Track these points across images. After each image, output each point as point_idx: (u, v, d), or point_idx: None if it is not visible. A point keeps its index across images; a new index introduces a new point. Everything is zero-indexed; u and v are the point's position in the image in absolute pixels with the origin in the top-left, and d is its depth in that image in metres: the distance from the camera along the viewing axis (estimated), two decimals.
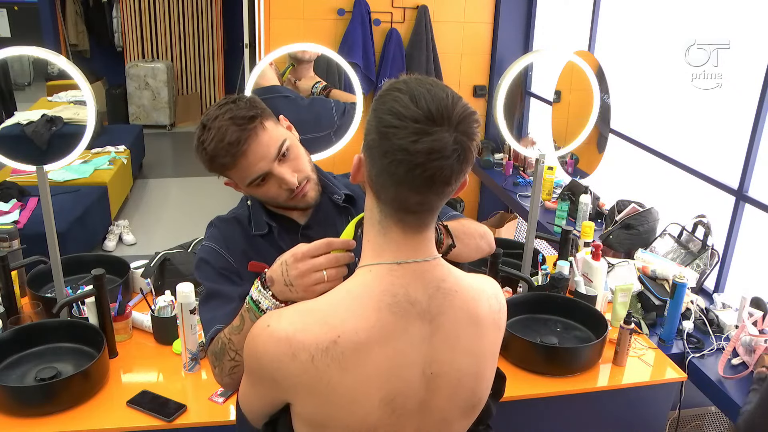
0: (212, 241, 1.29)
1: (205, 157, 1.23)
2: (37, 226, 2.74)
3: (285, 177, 1.22)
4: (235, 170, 1.22)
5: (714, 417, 2.56)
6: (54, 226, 2.05)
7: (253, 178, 1.22)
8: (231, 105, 1.22)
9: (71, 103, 5.29)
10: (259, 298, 1.05)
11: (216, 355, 1.17)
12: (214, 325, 1.21)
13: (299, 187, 1.24)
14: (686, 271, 2.52)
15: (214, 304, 1.24)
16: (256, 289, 1.06)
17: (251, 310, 1.06)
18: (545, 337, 2.04)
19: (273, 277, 1.04)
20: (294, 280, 1.00)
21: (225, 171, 1.24)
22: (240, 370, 1.10)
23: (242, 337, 1.06)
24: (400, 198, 0.88)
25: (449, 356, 0.95)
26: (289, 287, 1.01)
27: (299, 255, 1.01)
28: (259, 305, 1.05)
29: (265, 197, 1.27)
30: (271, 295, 1.04)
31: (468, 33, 4.24)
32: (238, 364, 1.11)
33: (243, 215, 1.33)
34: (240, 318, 1.10)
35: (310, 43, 2.32)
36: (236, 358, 1.11)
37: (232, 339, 1.11)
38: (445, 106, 0.84)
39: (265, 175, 1.22)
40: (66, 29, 7.27)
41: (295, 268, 1.00)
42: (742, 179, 2.51)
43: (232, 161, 1.20)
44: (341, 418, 0.91)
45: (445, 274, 0.95)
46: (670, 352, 2.22)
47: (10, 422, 1.67)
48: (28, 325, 1.93)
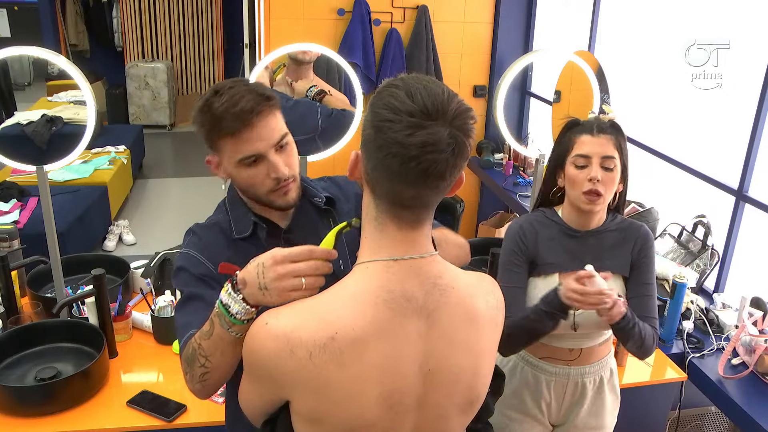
0: (191, 248, 1.25)
1: (208, 119, 1.17)
2: (37, 226, 2.74)
3: (278, 165, 1.20)
4: (234, 141, 1.18)
5: (714, 417, 2.56)
6: (54, 226, 2.06)
7: (248, 155, 1.18)
8: (248, 83, 1.20)
9: (71, 103, 5.29)
10: (228, 302, 1.00)
11: (187, 361, 1.12)
12: (189, 330, 1.16)
13: (286, 181, 1.22)
14: (686, 271, 2.52)
15: (192, 308, 1.19)
16: (226, 292, 1.01)
17: (221, 315, 1.01)
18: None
19: (246, 279, 0.99)
20: (270, 282, 0.96)
21: (222, 138, 1.18)
22: (211, 377, 1.08)
23: (212, 342, 1.04)
24: (395, 192, 0.88)
25: (446, 352, 0.95)
26: (263, 291, 0.97)
27: (279, 258, 0.97)
28: (228, 309, 1.00)
29: (246, 183, 1.22)
30: (242, 299, 0.99)
31: (468, 33, 4.24)
32: (208, 371, 1.08)
33: (223, 221, 1.29)
34: (210, 323, 1.05)
35: (310, 43, 2.32)
36: (206, 364, 1.07)
37: (202, 344, 1.07)
38: (440, 101, 0.84)
39: (259, 157, 1.19)
40: (66, 29, 7.27)
41: (273, 271, 0.96)
42: (742, 179, 2.51)
43: (237, 128, 1.16)
44: (339, 414, 0.91)
45: (442, 271, 0.95)
46: (670, 352, 2.23)
47: (10, 422, 1.67)
48: (28, 325, 1.93)
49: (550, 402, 1.72)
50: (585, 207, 1.58)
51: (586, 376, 1.70)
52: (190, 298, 1.21)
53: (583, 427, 1.75)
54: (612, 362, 1.77)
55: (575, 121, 1.64)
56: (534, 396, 1.71)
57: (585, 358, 1.68)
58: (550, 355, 1.68)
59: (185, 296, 1.22)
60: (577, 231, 1.64)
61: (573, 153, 1.59)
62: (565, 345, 1.66)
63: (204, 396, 1.16)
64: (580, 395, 1.71)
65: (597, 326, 1.62)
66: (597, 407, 1.74)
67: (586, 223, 1.64)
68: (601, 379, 1.72)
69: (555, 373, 1.68)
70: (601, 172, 1.54)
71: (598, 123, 1.59)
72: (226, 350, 1.04)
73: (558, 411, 1.74)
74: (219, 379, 1.10)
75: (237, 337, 1.01)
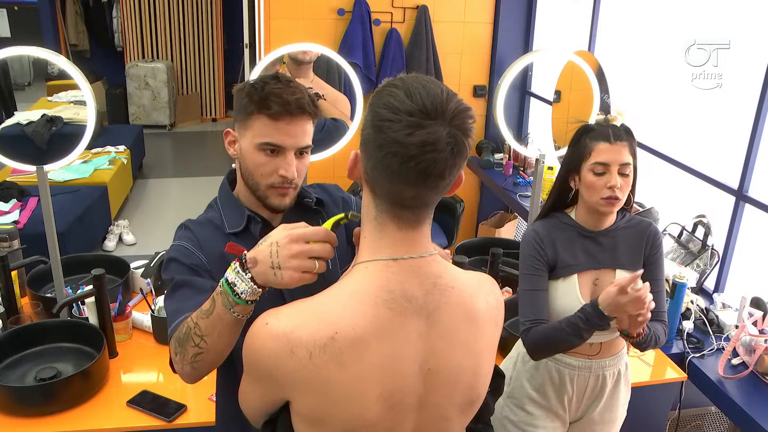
0: (184, 241, 1.26)
1: (258, 93, 1.19)
2: (37, 226, 2.74)
3: (291, 166, 1.23)
4: (268, 123, 1.20)
5: (714, 417, 2.56)
6: (54, 226, 2.05)
7: (272, 143, 1.21)
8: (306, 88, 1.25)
9: (71, 103, 5.29)
10: (235, 280, 0.99)
11: (179, 341, 1.09)
12: (178, 316, 1.14)
13: (289, 184, 1.24)
14: (686, 271, 2.52)
15: (183, 295, 1.18)
16: (234, 270, 0.99)
17: (224, 293, 1.00)
18: None
19: (257, 257, 0.97)
20: (284, 261, 0.95)
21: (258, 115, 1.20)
22: (204, 359, 1.07)
23: (210, 322, 1.03)
24: (395, 192, 0.88)
25: (446, 352, 0.95)
26: (274, 270, 0.96)
27: (295, 236, 0.96)
28: (234, 288, 0.99)
29: (254, 168, 1.24)
30: (250, 278, 0.98)
31: (468, 33, 4.24)
32: (201, 351, 1.05)
33: (215, 217, 1.30)
34: (211, 301, 1.03)
35: (311, 43, 2.32)
36: (201, 344, 1.05)
37: (198, 323, 1.05)
38: (439, 101, 0.85)
39: (279, 150, 1.22)
40: (66, 29, 7.27)
41: (288, 249, 0.95)
42: (742, 179, 2.51)
43: (280, 113, 1.19)
44: (339, 414, 0.91)
45: (442, 270, 0.95)
46: (670, 352, 2.23)
47: (10, 422, 1.67)
48: (28, 325, 1.93)
49: (572, 397, 1.75)
50: (604, 210, 1.64)
51: (606, 369, 1.74)
52: (179, 285, 1.21)
53: (600, 420, 1.79)
54: (626, 356, 1.82)
55: (589, 127, 1.68)
56: (558, 391, 1.75)
57: (605, 351, 1.73)
58: (573, 350, 1.71)
59: (175, 284, 1.21)
60: (591, 231, 1.69)
61: (591, 160, 1.62)
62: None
63: (192, 380, 1.13)
64: (600, 389, 1.75)
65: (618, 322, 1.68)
66: (613, 400, 1.79)
67: (600, 224, 1.69)
68: (619, 372, 1.78)
69: (578, 367, 1.72)
70: (619, 179, 1.60)
71: (614, 129, 1.63)
72: (224, 331, 1.03)
73: (578, 407, 1.78)
74: (211, 362, 1.09)
75: (237, 318, 1.01)
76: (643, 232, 1.71)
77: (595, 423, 1.79)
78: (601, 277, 1.68)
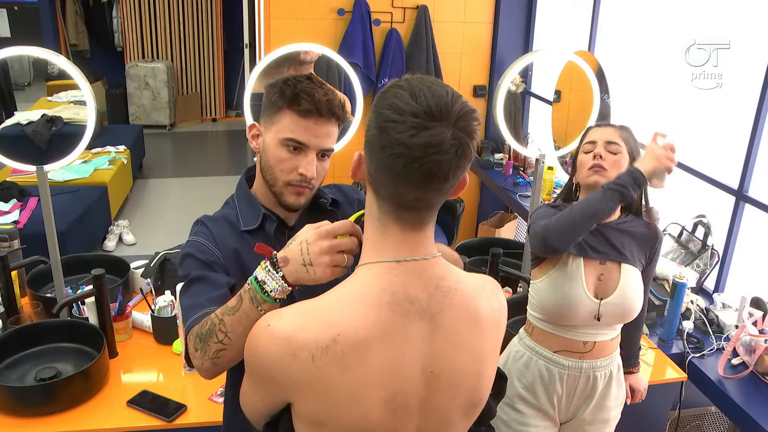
0: (200, 237, 1.26)
1: (290, 89, 1.21)
2: (37, 226, 2.74)
3: (312, 165, 1.24)
4: (296, 120, 1.21)
5: (714, 417, 2.56)
6: (54, 226, 2.05)
7: (297, 140, 1.22)
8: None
9: (71, 103, 5.29)
10: (265, 278, 1.00)
11: (201, 336, 1.10)
12: (196, 311, 1.15)
13: (306, 183, 1.25)
14: (686, 271, 2.52)
15: (199, 290, 1.19)
16: (264, 269, 1.01)
17: (252, 291, 1.01)
18: None
19: (289, 256, 1.00)
20: (315, 257, 0.97)
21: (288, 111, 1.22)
22: (225, 356, 1.07)
23: (236, 318, 1.03)
24: (398, 193, 0.88)
25: (449, 355, 0.95)
26: (306, 267, 0.98)
27: (323, 233, 0.98)
28: (263, 286, 1.00)
29: (275, 162, 1.25)
30: (281, 276, 1.00)
31: (468, 33, 4.24)
32: (224, 347, 1.05)
33: (231, 214, 1.31)
34: (238, 298, 1.04)
35: (311, 43, 2.32)
36: (224, 340, 1.05)
37: (224, 320, 1.05)
38: (444, 102, 0.84)
39: (302, 149, 1.23)
40: (66, 29, 7.27)
41: (318, 246, 0.98)
42: (742, 179, 2.51)
43: (310, 111, 1.20)
44: (342, 416, 0.90)
45: (445, 273, 0.95)
46: (670, 352, 2.23)
47: (10, 422, 1.67)
48: (28, 325, 1.93)
49: (561, 397, 1.76)
50: (590, 181, 1.69)
51: (597, 370, 1.74)
52: (195, 279, 1.22)
53: (592, 421, 1.80)
54: (618, 358, 1.82)
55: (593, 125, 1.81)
56: (547, 390, 1.75)
57: (597, 351, 1.73)
58: (564, 348, 1.73)
59: (190, 279, 1.22)
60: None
61: (583, 143, 1.76)
62: (581, 337, 1.72)
63: (211, 375, 1.14)
64: (591, 390, 1.76)
65: (619, 319, 1.71)
66: (605, 401, 1.79)
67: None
68: (611, 373, 1.78)
69: (569, 367, 1.73)
70: (606, 153, 1.68)
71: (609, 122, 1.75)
72: (249, 328, 1.02)
73: (567, 407, 1.78)
74: (231, 359, 1.09)
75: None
76: (652, 236, 1.75)
77: (587, 423, 1.80)
78: (607, 273, 1.69)
